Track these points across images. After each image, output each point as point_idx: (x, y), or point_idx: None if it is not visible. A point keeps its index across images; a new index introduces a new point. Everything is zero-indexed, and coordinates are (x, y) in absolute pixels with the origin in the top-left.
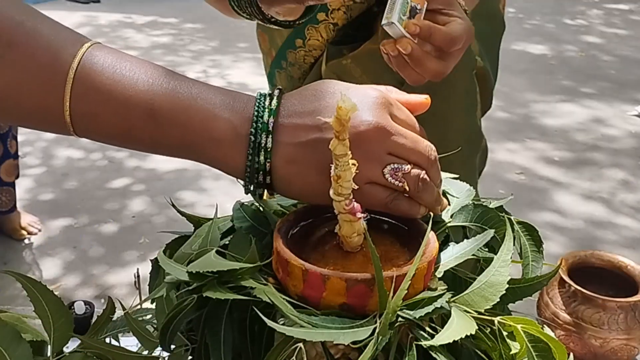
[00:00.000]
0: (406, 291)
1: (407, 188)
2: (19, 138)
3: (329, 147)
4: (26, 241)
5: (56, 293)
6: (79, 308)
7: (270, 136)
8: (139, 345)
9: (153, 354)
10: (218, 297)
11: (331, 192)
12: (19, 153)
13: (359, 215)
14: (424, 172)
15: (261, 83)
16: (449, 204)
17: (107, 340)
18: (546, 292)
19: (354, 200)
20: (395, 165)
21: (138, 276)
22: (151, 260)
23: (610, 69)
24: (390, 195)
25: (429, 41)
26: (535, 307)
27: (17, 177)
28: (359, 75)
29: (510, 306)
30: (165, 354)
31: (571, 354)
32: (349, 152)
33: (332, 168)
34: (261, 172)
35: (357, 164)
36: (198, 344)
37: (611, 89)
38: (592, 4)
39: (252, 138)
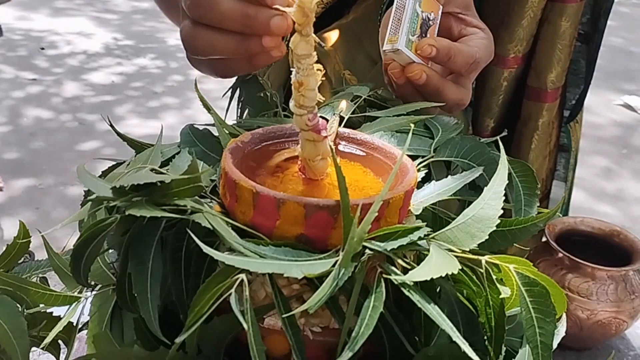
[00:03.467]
0: (376, 213)
1: None
2: None
3: (289, 44)
4: None
5: None
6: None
7: None
8: None
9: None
10: (143, 214)
11: (291, 103)
12: None
13: (325, 133)
14: None
15: None
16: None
17: None
18: (531, 258)
19: (318, 114)
20: None
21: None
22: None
23: (597, 58)
24: None
25: (447, 65)
26: None
27: None
28: (332, 53)
29: None
30: (91, 294)
31: (564, 314)
32: (314, 53)
33: (293, 73)
34: None
35: (322, 70)
36: (119, 275)
37: (598, 78)
38: None
39: None
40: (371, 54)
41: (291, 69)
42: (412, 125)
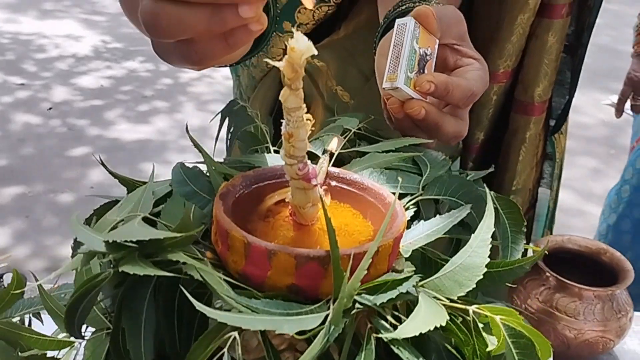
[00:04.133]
0: (366, 272)
1: None
2: None
3: (279, 98)
4: None
5: (5, 264)
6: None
7: None
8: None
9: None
10: (136, 272)
11: (281, 153)
12: None
13: (315, 182)
14: None
15: None
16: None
17: (19, 320)
18: (529, 269)
19: (309, 163)
20: None
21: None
22: None
23: (585, 57)
24: None
25: (445, 99)
26: (507, 293)
27: None
28: (324, 69)
29: None
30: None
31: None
32: (304, 105)
33: (283, 124)
34: None
35: (312, 120)
36: (113, 328)
37: (585, 77)
38: None
39: None
40: (363, 69)
41: (281, 112)
42: (402, 163)
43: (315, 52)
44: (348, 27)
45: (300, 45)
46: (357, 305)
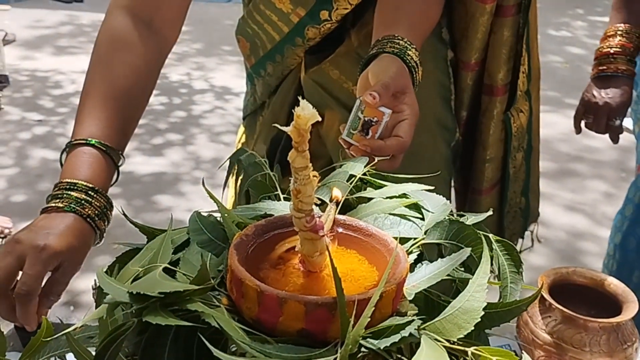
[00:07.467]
0: (369, 319)
1: None
2: None
3: (288, 159)
4: None
5: None
6: None
7: None
8: None
9: None
10: (158, 322)
11: (290, 207)
12: None
13: (321, 233)
14: None
15: (244, 87)
16: None
17: None
18: (525, 309)
19: (316, 216)
20: None
21: (97, 287)
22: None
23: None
24: None
25: (380, 155)
26: (515, 325)
27: None
28: (337, 76)
29: None
30: None
31: None
32: (310, 165)
33: (292, 182)
34: None
35: (318, 176)
36: None
37: None
38: (576, 15)
39: None
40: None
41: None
42: (405, 208)
43: (319, 119)
44: (359, 37)
45: (306, 112)
46: (362, 349)
